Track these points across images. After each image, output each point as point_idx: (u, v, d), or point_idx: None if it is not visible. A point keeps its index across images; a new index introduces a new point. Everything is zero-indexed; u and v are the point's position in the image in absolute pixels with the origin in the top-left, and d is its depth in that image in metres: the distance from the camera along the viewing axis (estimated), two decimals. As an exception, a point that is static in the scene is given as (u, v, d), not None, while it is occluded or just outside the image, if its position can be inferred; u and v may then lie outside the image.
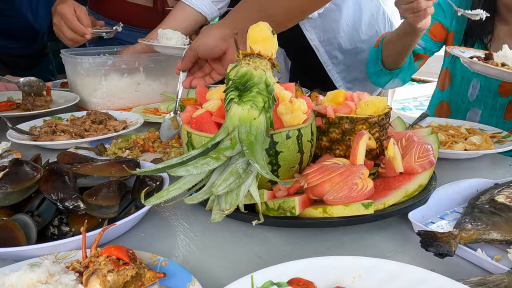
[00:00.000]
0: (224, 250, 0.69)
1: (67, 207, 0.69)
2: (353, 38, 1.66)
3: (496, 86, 1.32)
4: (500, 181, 0.83)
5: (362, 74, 1.71)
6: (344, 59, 1.69)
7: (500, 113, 1.30)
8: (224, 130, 0.65)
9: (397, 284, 0.53)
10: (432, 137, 0.89)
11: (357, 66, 1.70)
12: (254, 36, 0.71)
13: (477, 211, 0.71)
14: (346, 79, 1.72)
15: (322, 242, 0.71)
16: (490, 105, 1.32)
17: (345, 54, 1.69)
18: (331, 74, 1.69)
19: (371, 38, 1.68)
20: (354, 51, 1.69)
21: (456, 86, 1.41)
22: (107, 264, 0.55)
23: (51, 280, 0.54)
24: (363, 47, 1.68)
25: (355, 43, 1.67)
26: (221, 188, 0.59)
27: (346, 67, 1.71)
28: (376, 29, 1.69)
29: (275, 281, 0.53)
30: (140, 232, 0.75)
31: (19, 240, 0.65)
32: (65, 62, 1.57)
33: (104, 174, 0.78)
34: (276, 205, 0.70)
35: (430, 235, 0.63)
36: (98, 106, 1.52)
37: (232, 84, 0.68)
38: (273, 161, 0.74)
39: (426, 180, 0.79)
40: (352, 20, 1.64)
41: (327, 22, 1.61)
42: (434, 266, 0.63)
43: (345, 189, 0.69)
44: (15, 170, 0.74)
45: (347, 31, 1.64)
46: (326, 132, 0.87)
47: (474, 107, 1.36)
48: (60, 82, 1.89)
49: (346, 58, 1.69)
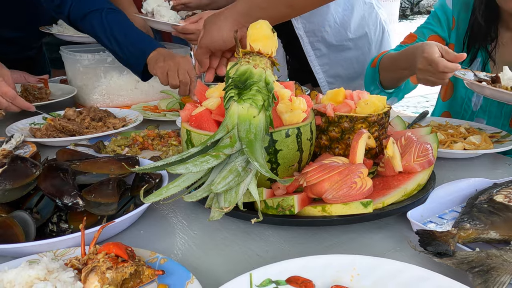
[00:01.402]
0: (223, 248, 0.69)
1: (66, 204, 0.69)
2: (341, 34, 1.68)
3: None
4: (499, 181, 0.83)
5: (346, 71, 1.73)
6: (329, 53, 1.71)
7: (506, 121, 1.29)
8: (223, 128, 0.65)
9: (395, 282, 0.53)
10: (431, 137, 0.89)
11: (341, 63, 1.72)
12: (254, 34, 0.71)
13: (476, 210, 0.71)
14: (328, 73, 1.73)
15: (321, 240, 0.71)
16: (494, 113, 1.30)
17: (330, 49, 1.70)
18: (312, 65, 1.71)
19: (360, 39, 1.70)
20: (340, 48, 1.70)
21: (459, 96, 1.39)
22: (106, 261, 0.55)
23: (49, 277, 0.55)
24: (349, 45, 1.70)
25: (342, 40, 1.69)
26: (220, 186, 0.59)
27: (329, 61, 1.72)
28: (366, 31, 1.71)
29: (273, 279, 0.53)
30: (139, 230, 0.75)
31: (18, 237, 0.65)
32: (65, 59, 1.57)
33: (103, 171, 0.78)
34: (275, 204, 0.70)
35: (428, 234, 0.63)
36: (98, 103, 1.52)
37: (232, 82, 0.68)
38: (273, 160, 0.74)
39: (425, 179, 0.79)
40: (341, 17, 1.66)
41: (313, 14, 1.63)
42: (432, 265, 0.63)
43: (344, 187, 0.69)
44: (14, 167, 0.74)
45: (334, 27, 1.66)
46: (325, 131, 0.87)
47: (478, 117, 1.34)
48: (59, 79, 1.89)
49: (331, 53, 1.71)
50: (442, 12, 1.41)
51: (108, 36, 1.31)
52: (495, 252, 0.59)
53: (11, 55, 1.89)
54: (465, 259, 0.59)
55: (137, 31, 1.34)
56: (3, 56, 1.84)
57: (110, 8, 1.34)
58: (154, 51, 1.28)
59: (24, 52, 1.97)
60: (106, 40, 1.33)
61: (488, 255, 0.59)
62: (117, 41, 1.31)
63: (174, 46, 1.85)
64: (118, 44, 1.31)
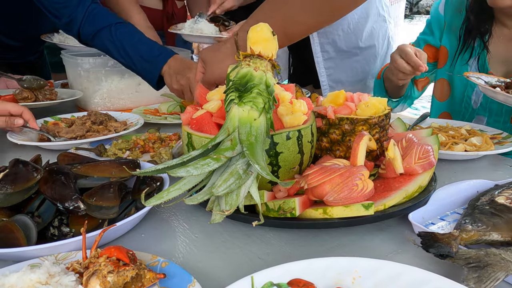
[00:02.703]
0: (224, 250, 0.69)
1: (67, 207, 0.69)
2: (351, 41, 1.68)
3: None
4: (500, 182, 0.83)
5: (348, 78, 1.73)
6: (336, 57, 1.71)
7: (507, 118, 1.29)
8: (224, 131, 0.65)
9: (397, 285, 0.53)
10: (432, 138, 0.89)
11: (346, 69, 1.72)
12: (255, 37, 0.72)
13: (478, 212, 0.71)
14: (332, 77, 1.73)
15: (322, 243, 0.71)
16: (495, 111, 1.30)
17: (338, 53, 1.70)
18: (318, 66, 1.71)
19: (368, 49, 1.70)
20: (348, 54, 1.70)
21: (457, 95, 1.39)
22: (107, 265, 0.55)
23: (51, 281, 0.55)
24: (357, 53, 1.70)
25: (351, 47, 1.69)
26: (221, 189, 0.59)
27: (335, 65, 1.72)
28: (375, 43, 1.71)
29: (275, 282, 0.53)
30: (140, 233, 0.75)
31: (19, 241, 0.65)
32: (66, 63, 1.57)
33: (104, 175, 0.78)
34: (276, 206, 0.70)
35: (430, 236, 0.63)
36: (99, 106, 1.52)
37: (233, 85, 0.68)
38: (273, 162, 0.74)
39: (426, 181, 0.79)
40: (355, 23, 1.66)
41: None
42: (434, 267, 0.63)
43: (345, 190, 0.69)
44: (15, 171, 0.74)
45: (346, 31, 1.66)
46: (326, 133, 0.87)
47: (479, 114, 1.34)
48: (60, 83, 1.89)
49: (338, 58, 1.71)
50: (435, 19, 1.43)
51: (120, 52, 1.30)
52: (494, 250, 0.60)
53: (12, 60, 1.90)
54: (462, 255, 0.60)
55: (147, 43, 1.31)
56: (4, 61, 1.85)
57: (118, 22, 1.33)
58: (165, 66, 1.27)
59: (25, 57, 1.98)
60: (119, 56, 1.32)
61: (487, 253, 0.59)
62: (129, 56, 1.30)
63: (176, 50, 1.86)
64: (131, 59, 1.30)
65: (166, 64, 1.26)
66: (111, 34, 1.30)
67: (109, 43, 1.31)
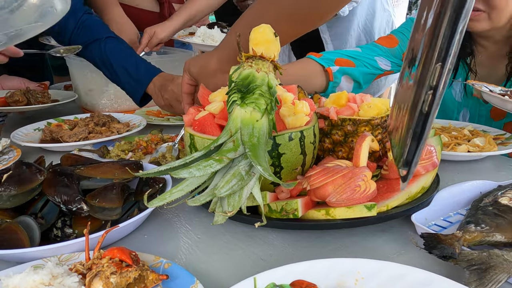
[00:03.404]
0: (227, 251, 0.69)
1: (71, 209, 0.69)
2: (360, 40, 1.67)
3: (487, 112, 1.31)
4: (504, 183, 0.82)
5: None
6: None
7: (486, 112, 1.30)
8: (226, 132, 0.65)
9: (400, 286, 0.53)
10: (435, 139, 0.89)
11: None
12: (257, 38, 0.72)
13: (481, 213, 0.71)
14: None
15: (325, 244, 0.71)
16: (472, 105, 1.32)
17: None
18: None
19: None
20: None
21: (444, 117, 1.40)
22: (110, 266, 0.56)
23: (54, 282, 0.55)
24: None
25: None
26: (223, 190, 0.59)
27: None
28: None
29: (278, 283, 0.53)
30: (143, 234, 0.75)
31: (23, 242, 0.65)
32: (70, 65, 1.58)
33: (107, 176, 0.78)
34: (279, 207, 0.70)
35: (433, 237, 0.63)
36: (106, 108, 1.52)
37: (235, 86, 0.69)
38: (276, 163, 0.74)
39: (429, 182, 0.79)
40: (364, 22, 1.65)
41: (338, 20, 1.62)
42: (437, 269, 0.63)
43: (348, 191, 0.68)
44: (18, 172, 0.74)
45: (356, 31, 1.66)
46: (328, 134, 0.87)
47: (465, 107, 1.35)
48: (63, 85, 1.90)
49: None
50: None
51: (107, 66, 1.31)
52: (497, 251, 0.60)
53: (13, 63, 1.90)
54: (465, 257, 0.60)
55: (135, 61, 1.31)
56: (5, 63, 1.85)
57: (108, 36, 1.34)
58: (151, 84, 1.27)
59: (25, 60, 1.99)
60: (106, 70, 1.33)
61: (490, 254, 0.59)
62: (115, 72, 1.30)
63: (175, 51, 1.87)
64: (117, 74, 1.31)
65: (151, 82, 1.27)
66: (101, 48, 1.31)
67: (97, 57, 1.33)
